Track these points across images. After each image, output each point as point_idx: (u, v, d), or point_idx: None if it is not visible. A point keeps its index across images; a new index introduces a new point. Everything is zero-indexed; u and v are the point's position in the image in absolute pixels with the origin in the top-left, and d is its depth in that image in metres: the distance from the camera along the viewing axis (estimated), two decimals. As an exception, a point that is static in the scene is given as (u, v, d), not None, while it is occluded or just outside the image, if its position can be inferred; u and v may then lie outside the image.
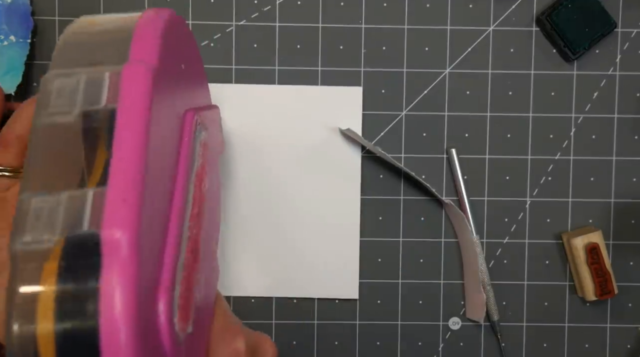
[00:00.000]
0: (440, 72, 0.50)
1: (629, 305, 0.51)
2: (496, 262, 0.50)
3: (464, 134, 0.50)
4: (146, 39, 0.32)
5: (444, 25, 0.50)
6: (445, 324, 0.50)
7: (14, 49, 0.47)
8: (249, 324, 0.50)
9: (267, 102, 0.49)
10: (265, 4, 0.49)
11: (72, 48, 0.33)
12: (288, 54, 0.49)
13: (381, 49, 0.49)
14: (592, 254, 0.48)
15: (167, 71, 0.33)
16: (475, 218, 0.50)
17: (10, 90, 0.47)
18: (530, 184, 0.50)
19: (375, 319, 0.50)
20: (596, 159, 0.50)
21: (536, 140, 0.50)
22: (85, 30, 0.34)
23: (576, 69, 0.50)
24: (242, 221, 0.49)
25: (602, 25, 0.49)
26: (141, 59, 0.31)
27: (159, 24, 0.33)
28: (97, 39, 0.33)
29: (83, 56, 0.32)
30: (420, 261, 0.50)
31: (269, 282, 0.49)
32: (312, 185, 0.49)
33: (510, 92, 0.50)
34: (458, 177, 0.50)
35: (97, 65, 0.32)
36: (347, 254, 0.49)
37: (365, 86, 0.49)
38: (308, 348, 0.50)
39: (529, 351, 0.51)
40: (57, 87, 0.31)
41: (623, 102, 0.50)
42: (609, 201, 0.50)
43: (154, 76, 0.30)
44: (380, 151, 0.47)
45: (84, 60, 0.32)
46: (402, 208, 0.50)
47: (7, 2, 0.47)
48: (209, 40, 0.49)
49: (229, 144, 0.49)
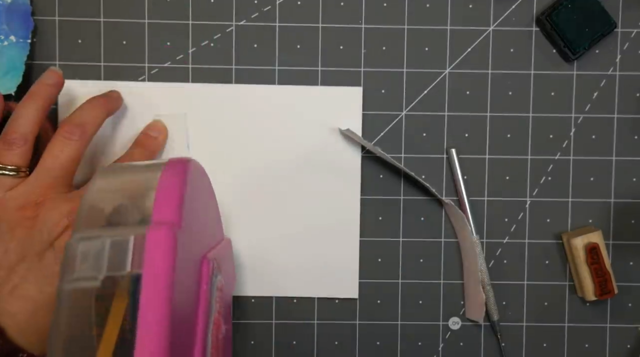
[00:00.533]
0: (440, 72, 0.50)
1: (629, 305, 0.51)
2: (496, 262, 0.50)
3: (464, 134, 0.50)
4: (168, 200, 0.32)
5: (444, 25, 0.50)
6: (445, 324, 0.50)
7: (14, 49, 0.47)
8: (249, 324, 0.50)
9: (267, 102, 0.49)
10: (265, 4, 0.49)
11: (95, 209, 0.33)
12: (288, 54, 0.49)
13: (381, 49, 0.49)
14: (592, 254, 0.48)
15: (189, 225, 0.33)
16: (475, 218, 0.50)
17: (10, 91, 0.47)
18: (530, 184, 0.50)
19: (375, 319, 0.50)
20: (596, 159, 0.50)
21: (536, 140, 0.50)
22: (107, 188, 0.34)
23: (576, 69, 0.50)
24: (242, 221, 0.49)
25: (602, 25, 0.49)
26: (164, 220, 0.31)
27: (180, 182, 0.33)
28: (119, 198, 0.33)
29: (106, 216, 0.33)
30: (420, 261, 0.50)
31: (269, 282, 0.50)
32: (312, 185, 0.49)
33: (510, 92, 0.50)
34: (458, 177, 0.50)
35: (120, 226, 0.32)
36: (347, 254, 0.49)
37: (365, 86, 0.49)
38: (308, 348, 0.50)
39: (529, 351, 0.51)
40: (81, 251, 0.31)
41: (623, 102, 0.50)
42: (609, 201, 0.50)
43: (178, 238, 0.31)
44: (380, 151, 0.47)
45: (107, 221, 0.33)
46: (402, 208, 0.50)
47: (7, 2, 0.47)
48: (209, 40, 0.49)
49: (229, 144, 0.49)
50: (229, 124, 0.49)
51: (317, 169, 0.49)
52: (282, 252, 0.49)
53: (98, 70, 0.49)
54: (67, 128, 0.42)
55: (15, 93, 0.47)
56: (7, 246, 0.39)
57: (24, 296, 0.38)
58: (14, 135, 0.41)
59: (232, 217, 0.49)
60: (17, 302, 0.38)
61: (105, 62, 0.49)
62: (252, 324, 0.50)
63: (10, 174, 0.41)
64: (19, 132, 0.41)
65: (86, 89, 0.48)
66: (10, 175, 0.41)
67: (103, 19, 0.49)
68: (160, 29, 0.49)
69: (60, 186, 0.41)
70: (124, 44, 0.49)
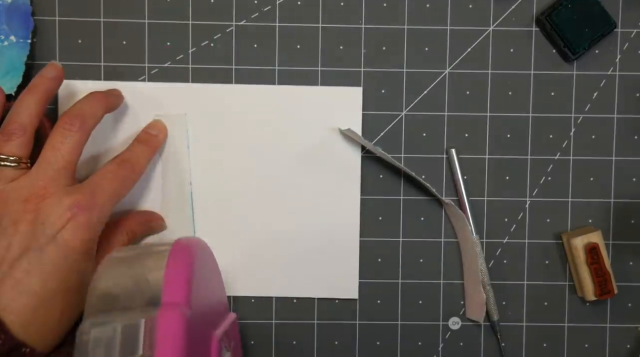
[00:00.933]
0: (440, 72, 0.50)
1: (629, 305, 0.51)
2: (496, 262, 0.50)
3: (464, 134, 0.50)
4: (177, 281, 0.33)
5: (444, 25, 0.50)
6: (445, 324, 0.50)
7: (14, 49, 0.47)
8: (249, 324, 0.50)
9: (267, 102, 0.49)
10: (265, 4, 0.49)
11: (105, 294, 0.34)
12: (288, 54, 0.49)
13: (381, 49, 0.49)
14: (591, 254, 0.48)
15: (197, 305, 0.34)
16: (475, 218, 0.50)
17: (10, 91, 0.47)
18: (530, 184, 0.50)
19: (375, 319, 0.50)
20: (596, 159, 0.50)
21: (536, 140, 0.50)
22: (116, 273, 0.35)
23: (576, 69, 0.50)
24: (242, 221, 0.49)
25: (602, 25, 0.49)
26: (174, 301, 0.32)
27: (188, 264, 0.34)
28: (128, 282, 0.34)
29: (116, 301, 0.33)
30: (420, 261, 0.50)
31: (269, 282, 0.50)
32: (312, 185, 0.49)
33: (510, 92, 0.50)
34: (458, 177, 0.50)
35: (130, 310, 0.33)
36: (347, 254, 0.49)
37: (365, 86, 0.49)
38: (308, 348, 0.50)
39: (529, 351, 0.51)
40: (93, 337, 0.31)
41: (623, 102, 0.50)
42: (609, 201, 0.50)
43: (187, 320, 0.31)
44: (380, 151, 0.48)
45: (117, 305, 0.33)
46: (402, 208, 0.50)
47: (7, 2, 0.47)
48: (209, 40, 0.49)
49: (229, 144, 0.49)
50: (229, 124, 0.49)
51: (317, 169, 0.49)
52: (282, 252, 0.49)
53: (98, 70, 0.49)
54: (66, 119, 0.42)
55: (15, 93, 0.47)
56: (10, 239, 0.39)
57: (27, 290, 0.38)
58: (13, 126, 0.41)
59: (232, 218, 0.49)
60: (21, 297, 0.38)
61: (105, 62, 0.49)
62: (252, 324, 0.50)
63: (12, 166, 0.41)
64: (17, 123, 0.41)
65: (87, 88, 0.48)
66: (11, 166, 0.41)
67: (103, 19, 0.49)
68: (160, 29, 0.49)
69: (62, 178, 0.41)
70: (124, 44, 0.49)
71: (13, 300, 0.38)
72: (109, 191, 0.42)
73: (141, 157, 0.46)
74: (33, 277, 0.39)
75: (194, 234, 0.49)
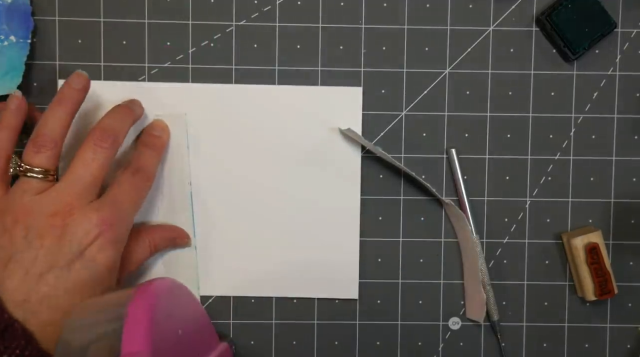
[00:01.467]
0: (440, 72, 0.50)
1: (629, 305, 0.51)
2: (496, 262, 0.50)
3: (464, 134, 0.50)
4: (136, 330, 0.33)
5: (444, 25, 0.50)
6: (445, 324, 0.50)
7: (14, 49, 0.47)
8: (249, 324, 0.50)
9: (267, 102, 0.49)
10: (265, 4, 0.49)
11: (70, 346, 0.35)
12: (288, 54, 0.49)
13: (381, 49, 0.49)
14: (592, 254, 0.48)
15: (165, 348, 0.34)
16: (475, 218, 0.50)
17: (10, 91, 0.47)
18: (530, 184, 0.50)
19: (375, 319, 0.50)
20: (596, 159, 0.50)
21: (536, 140, 0.50)
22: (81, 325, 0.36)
23: (576, 69, 0.50)
24: (242, 221, 0.49)
25: (602, 25, 0.49)
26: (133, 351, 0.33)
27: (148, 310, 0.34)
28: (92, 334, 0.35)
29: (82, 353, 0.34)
30: (420, 261, 0.50)
31: (269, 282, 0.49)
32: (312, 185, 0.49)
33: (510, 92, 0.50)
34: (458, 177, 0.50)
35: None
36: (347, 254, 0.49)
37: (365, 86, 0.49)
38: (308, 348, 0.50)
39: (529, 351, 0.51)
40: None
41: (623, 102, 0.50)
42: (609, 201, 0.50)
43: None
44: (380, 151, 0.48)
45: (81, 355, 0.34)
46: (402, 208, 0.50)
47: (7, 2, 0.47)
48: (209, 40, 0.49)
49: (229, 144, 0.49)
50: (229, 124, 0.49)
51: (317, 169, 0.49)
52: (282, 252, 0.49)
53: (98, 70, 0.49)
54: (98, 135, 0.42)
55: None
56: (37, 253, 0.39)
57: (54, 306, 0.39)
58: (44, 138, 0.41)
59: (231, 218, 0.49)
60: (48, 312, 0.38)
61: (105, 62, 0.49)
62: (252, 324, 0.50)
63: (38, 177, 0.41)
64: (48, 135, 0.41)
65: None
66: (38, 178, 0.41)
67: (103, 19, 0.49)
68: (160, 29, 0.49)
69: (89, 195, 0.41)
70: (124, 44, 0.49)
71: (42, 314, 0.38)
72: (129, 203, 0.43)
73: (151, 162, 0.46)
74: (60, 293, 0.39)
75: (194, 234, 0.49)
